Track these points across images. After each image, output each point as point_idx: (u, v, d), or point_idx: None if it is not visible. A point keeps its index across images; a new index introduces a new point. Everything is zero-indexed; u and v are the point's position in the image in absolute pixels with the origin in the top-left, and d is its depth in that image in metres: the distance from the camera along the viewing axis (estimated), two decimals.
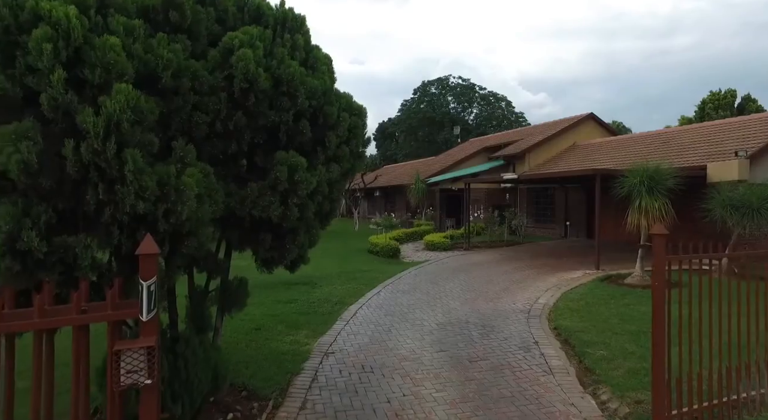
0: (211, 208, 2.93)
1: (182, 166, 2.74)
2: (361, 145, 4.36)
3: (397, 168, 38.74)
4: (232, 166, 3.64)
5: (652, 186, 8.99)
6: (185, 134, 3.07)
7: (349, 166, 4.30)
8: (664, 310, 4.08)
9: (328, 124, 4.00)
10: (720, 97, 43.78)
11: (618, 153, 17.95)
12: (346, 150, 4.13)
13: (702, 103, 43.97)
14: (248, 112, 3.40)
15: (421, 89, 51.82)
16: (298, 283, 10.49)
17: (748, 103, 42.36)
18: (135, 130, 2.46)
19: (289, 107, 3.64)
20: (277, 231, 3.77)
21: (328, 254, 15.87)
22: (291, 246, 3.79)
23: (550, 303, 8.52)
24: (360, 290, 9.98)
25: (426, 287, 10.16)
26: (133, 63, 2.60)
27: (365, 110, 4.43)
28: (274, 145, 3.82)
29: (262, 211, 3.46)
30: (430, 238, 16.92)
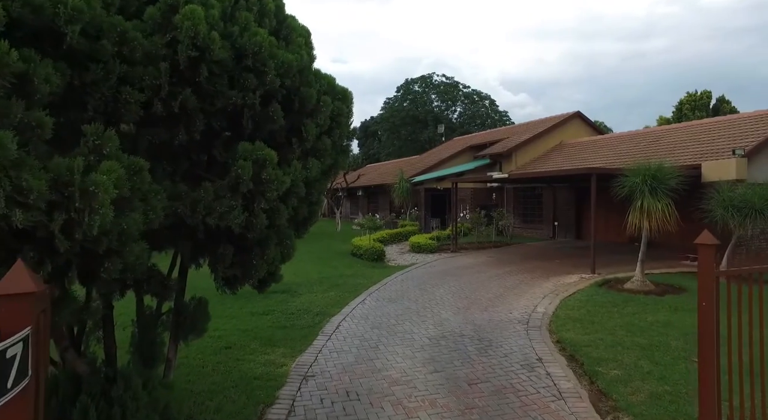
0: (143, 216, 2.15)
1: (97, 160, 1.95)
2: (345, 136, 3.61)
3: (381, 167, 38.00)
4: (182, 161, 2.85)
5: (654, 186, 8.47)
6: (111, 117, 2.27)
7: (332, 161, 3.55)
8: (714, 340, 3.40)
9: (306, 110, 3.23)
10: (696, 98, 44.42)
11: (607, 152, 17.57)
12: (328, 142, 3.37)
13: (679, 104, 44.57)
14: (200, 91, 2.63)
15: (404, 87, 51.13)
16: (275, 292, 9.64)
17: (723, 104, 43.08)
18: (5, 103, 1.67)
19: (256, 86, 2.87)
20: (240, 243, 3.00)
21: (308, 257, 15.04)
22: (258, 262, 3.02)
23: (549, 311, 7.90)
24: (343, 298, 9.22)
25: (414, 294, 9.46)
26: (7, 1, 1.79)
27: (351, 95, 3.68)
28: (237, 135, 3.04)
29: (219, 219, 2.68)
30: (416, 240, 16.24)
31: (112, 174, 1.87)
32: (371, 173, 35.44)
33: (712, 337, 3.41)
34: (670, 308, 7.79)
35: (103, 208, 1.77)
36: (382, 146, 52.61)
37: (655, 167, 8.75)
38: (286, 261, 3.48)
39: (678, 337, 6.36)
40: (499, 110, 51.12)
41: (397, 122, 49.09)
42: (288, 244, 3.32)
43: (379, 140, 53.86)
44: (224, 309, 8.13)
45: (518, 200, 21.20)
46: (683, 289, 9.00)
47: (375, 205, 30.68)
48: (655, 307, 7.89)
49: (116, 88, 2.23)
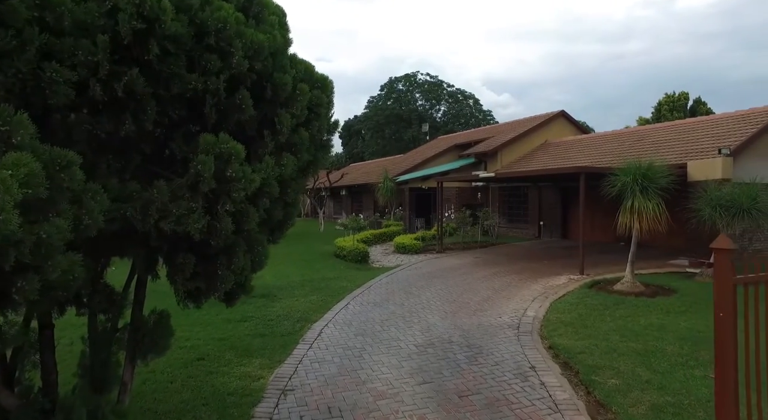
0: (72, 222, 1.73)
1: (3, 151, 1.53)
2: (325, 129, 3.23)
3: (364, 166, 37.59)
4: (132, 156, 2.43)
5: (645, 185, 8.28)
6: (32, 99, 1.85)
7: (310, 157, 3.17)
8: (733, 354, 3.10)
9: (280, 99, 2.84)
10: (674, 99, 45.16)
11: (592, 151, 17.51)
12: (305, 135, 2.99)
13: (658, 105, 45.26)
14: (151, 72, 2.21)
15: (388, 85, 50.77)
16: (254, 296, 9.16)
17: (699, 105, 43.90)
18: None
19: (220, 69, 2.47)
20: (203, 251, 2.59)
21: (290, 259, 14.58)
22: (225, 272, 2.62)
23: (539, 315, 7.64)
24: (326, 303, 8.81)
25: (400, 298, 9.11)
26: None
27: (331, 83, 3.30)
28: (200, 126, 2.63)
29: (176, 224, 2.28)
30: (401, 241, 15.91)
31: (20, 169, 1.46)
32: (355, 172, 35.01)
33: (731, 351, 3.11)
34: (662, 310, 7.60)
35: (4, 213, 1.37)
36: (365, 145, 52.20)
37: (645, 166, 8.57)
38: (257, 270, 3.08)
39: (673, 342, 6.14)
40: (483, 109, 51.20)
41: (381, 121, 48.75)
42: (260, 251, 2.92)
43: (363, 139, 53.42)
44: (198, 315, 7.64)
45: (503, 200, 21.05)
46: (673, 290, 8.84)
47: (359, 205, 30.28)
48: (646, 309, 7.69)
49: (36, 63, 1.81)
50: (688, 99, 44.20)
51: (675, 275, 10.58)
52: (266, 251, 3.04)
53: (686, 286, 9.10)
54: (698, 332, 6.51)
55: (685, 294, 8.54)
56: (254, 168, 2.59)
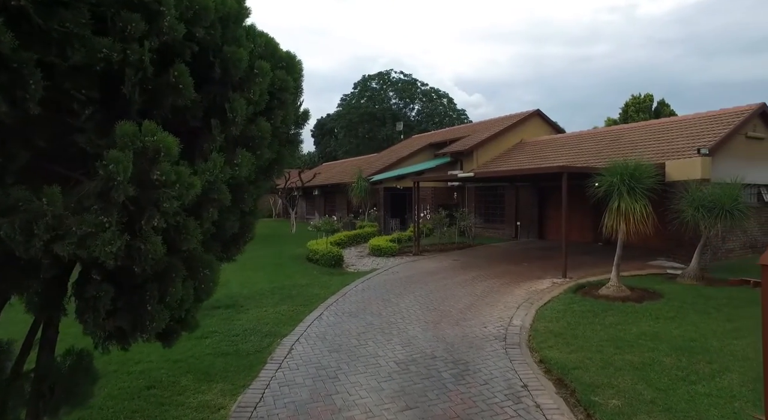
0: None
1: None
2: (292, 120, 2.59)
3: (337, 165, 36.81)
4: (15, 151, 1.75)
5: (633, 185, 7.97)
6: None
7: (273, 154, 2.53)
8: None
9: (232, 79, 2.22)
10: (640, 100, 46.30)
11: (568, 150, 17.36)
12: (266, 127, 2.36)
13: (625, 106, 46.29)
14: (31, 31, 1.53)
15: (361, 84, 50.03)
16: (218, 307, 8.44)
17: (663, 107, 45.18)
18: None
19: (144, 34, 1.81)
20: (125, 279, 1.92)
21: (259, 264, 13.78)
22: (156, 307, 1.96)
23: (526, 324, 7.19)
24: (297, 313, 8.14)
25: (377, 307, 8.51)
26: None
27: (300, 64, 2.68)
28: (122, 112, 1.97)
29: (77, 247, 1.61)
30: (376, 243, 15.31)
31: None
32: (328, 172, 34.21)
33: None
34: (652, 317, 7.28)
35: None
36: (339, 144, 51.34)
37: (633, 166, 8.26)
38: (204, 299, 2.43)
39: (669, 353, 5.78)
40: (457, 108, 51.13)
41: (355, 119, 48.00)
42: (206, 275, 2.27)
43: (336, 138, 52.54)
44: None
45: (479, 200, 20.75)
46: (659, 294, 8.57)
47: (332, 205, 29.53)
48: (635, 316, 7.36)
49: None
50: (653, 100, 45.41)
51: (657, 277, 10.38)
52: (216, 274, 2.39)
53: (671, 290, 8.85)
54: (692, 341, 6.18)
55: (671, 298, 8.27)
56: (197, 168, 1.94)
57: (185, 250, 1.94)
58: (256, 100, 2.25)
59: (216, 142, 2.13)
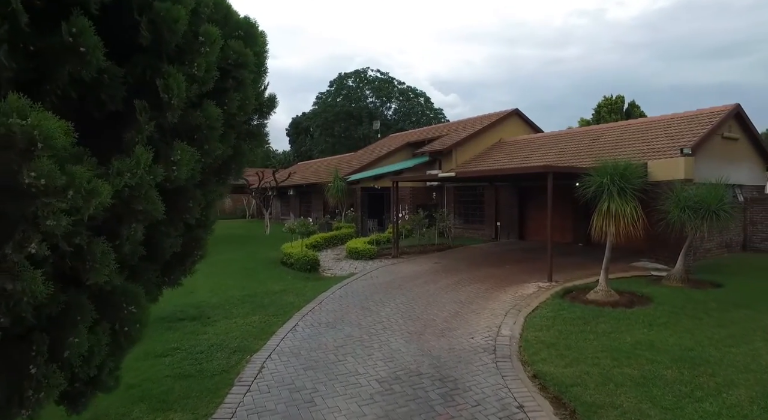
0: None
1: None
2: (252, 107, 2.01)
3: (313, 165, 36.00)
4: None
5: (623, 186, 7.65)
6: None
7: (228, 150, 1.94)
8: None
9: (166, 47, 1.62)
10: (612, 102, 47.18)
11: (548, 150, 17.17)
12: (215, 113, 1.77)
13: (598, 107, 47.10)
14: None
15: (337, 81, 49.21)
16: (183, 319, 7.74)
17: (633, 108, 46.19)
18: None
19: None
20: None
21: (230, 268, 13.03)
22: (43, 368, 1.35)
23: (515, 334, 6.76)
24: (269, 325, 7.51)
25: (356, 316, 7.96)
26: None
27: (263, 35, 2.11)
28: None
29: None
30: (353, 245, 14.74)
31: None
32: (303, 171, 33.39)
33: None
34: (644, 323, 6.97)
35: None
36: (314, 143, 50.44)
37: (623, 165, 7.95)
38: (127, 347, 1.82)
39: (669, 365, 5.43)
40: (435, 108, 50.92)
41: (331, 118, 47.20)
42: (130, 314, 1.66)
43: (312, 137, 51.61)
44: None
45: (459, 200, 20.41)
46: (648, 298, 8.30)
47: (308, 206, 28.76)
48: (628, 322, 7.03)
49: None
50: (624, 102, 46.41)
51: (642, 279, 10.16)
52: (144, 312, 1.80)
53: (659, 293, 8.60)
54: (690, 351, 5.87)
55: (661, 303, 8.00)
56: (112, 168, 1.35)
57: (90, 285, 1.37)
58: (201, 77, 1.68)
59: (143, 131, 1.55)
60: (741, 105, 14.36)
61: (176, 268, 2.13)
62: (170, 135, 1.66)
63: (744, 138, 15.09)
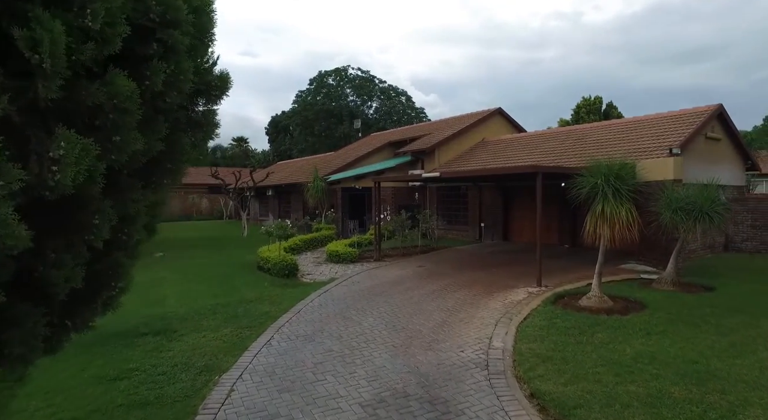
0: None
1: None
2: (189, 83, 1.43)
3: (293, 164, 35.19)
4: None
5: (618, 187, 7.29)
6: None
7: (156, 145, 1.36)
8: None
9: None
10: (591, 102, 47.70)
11: (533, 149, 16.89)
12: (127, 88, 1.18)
13: (577, 107, 47.58)
14: None
15: (317, 79, 48.39)
16: (146, 334, 7.04)
17: (611, 109, 46.84)
18: None
19: None
20: None
21: (203, 274, 12.31)
22: None
23: (508, 346, 6.30)
24: (242, 339, 6.89)
25: (337, 327, 7.40)
26: None
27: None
28: None
29: None
30: (334, 248, 14.14)
31: None
32: (282, 171, 32.56)
33: None
34: (642, 332, 6.60)
35: None
36: (294, 142, 49.54)
37: (618, 165, 7.59)
38: None
39: (675, 380, 5.04)
40: (416, 107, 50.58)
41: (311, 117, 46.39)
42: None
43: (291, 136, 50.69)
44: (55, 370, 5.46)
45: (442, 200, 20.00)
46: (642, 303, 7.97)
47: (287, 206, 27.99)
48: (624, 331, 6.65)
49: None
50: (602, 103, 47.00)
51: (632, 283, 9.87)
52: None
53: (652, 298, 8.28)
54: (694, 363, 5.49)
55: (656, 309, 7.67)
56: None
57: None
58: (99, 33, 1.11)
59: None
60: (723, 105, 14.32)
61: (82, 308, 1.56)
62: (50, 119, 1.11)
63: (726, 138, 15.06)
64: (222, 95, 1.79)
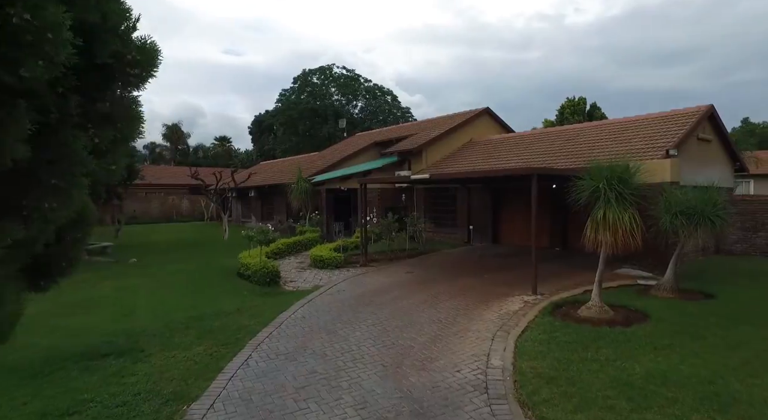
0: None
1: None
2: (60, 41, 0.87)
3: (276, 164, 34.37)
4: None
5: (621, 191, 6.86)
6: None
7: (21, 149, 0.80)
8: None
9: None
10: (575, 103, 47.95)
11: (522, 150, 16.52)
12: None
13: (561, 108, 47.81)
14: None
15: (301, 78, 47.52)
16: (108, 355, 6.35)
17: (595, 110, 47.17)
18: None
19: None
20: None
21: (179, 281, 11.59)
22: None
23: (508, 364, 5.80)
24: (216, 358, 6.25)
25: (321, 343, 6.81)
26: None
27: None
28: None
29: None
30: (318, 253, 13.53)
31: None
32: (266, 172, 31.73)
33: None
34: (648, 346, 6.17)
35: None
36: (278, 142, 48.62)
37: (621, 167, 7.16)
38: None
39: (695, 406, 4.59)
40: (402, 106, 50.10)
41: (295, 116, 45.53)
42: None
43: (275, 135, 49.74)
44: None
45: (429, 202, 19.52)
46: (644, 313, 7.57)
47: (270, 208, 27.21)
48: (630, 346, 6.21)
49: None
50: (586, 103, 47.27)
51: (629, 289, 9.50)
52: None
53: (653, 307, 7.90)
54: (710, 384, 5.07)
55: (658, 319, 7.28)
56: None
57: None
58: None
59: None
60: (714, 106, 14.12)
61: None
62: None
63: (716, 140, 14.89)
64: (146, 76, 1.25)
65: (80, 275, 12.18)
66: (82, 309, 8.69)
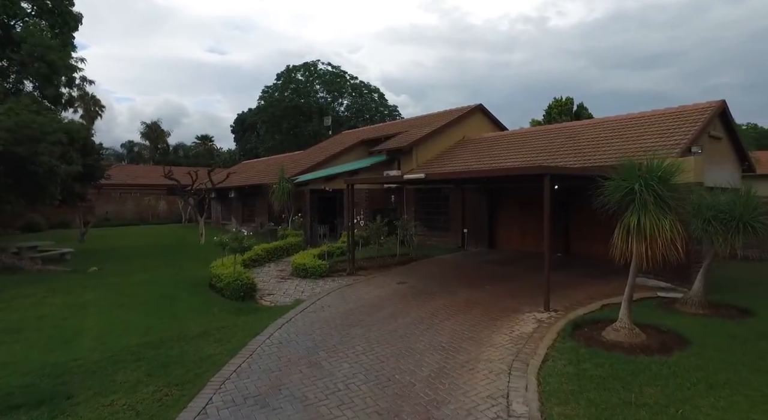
0: None
1: None
2: None
3: (259, 164, 32.85)
4: None
5: (660, 193, 5.75)
6: None
7: None
8: None
9: None
10: (562, 103, 47.43)
11: (521, 148, 15.45)
12: None
13: (549, 108, 47.29)
14: None
15: (285, 74, 45.94)
16: (20, 406, 4.95)
17: (581, 110, 46.74)
18: None
19: None
20: None
21: (142, 294, 10.19)
22: None
23: (534, 412, 4.60)
24: (165, 406, 4.93)
25: (300, 379, 5.53)
26: None
27: None
28: None
29: None
30: (301, 261, 12.24)
31: None
32: (247, 171, 30.22)
33: None
34: (704, 384, 5.04)
35: None
36: (260, 140, 47.00)
37: (659, 165, 6.05)
38: None
39: None
40: (389, 104, 48.86)
41: (278, 113, 43.98)
42: None
43: (258, 134, 48.10)
44: None
45: (420, 203, 18.35)
46: (680, 336, 6.47)
47: (251, 210, 25.76)
48: (679, 382, 5.08)
49: None
50: (573, 104, 46.81)
51: (651, 302, 8.45)
52: None
53: (686, 326, 6.83)
54: None
55: (700, 344, 6.19)
56: None
57: None
58: None
59: None
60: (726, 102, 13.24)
61: None
62: None
63: (726, 138, 14.03)
64: None
65: (25, 289, 10.66)
66: (11, 335, 7.24)
